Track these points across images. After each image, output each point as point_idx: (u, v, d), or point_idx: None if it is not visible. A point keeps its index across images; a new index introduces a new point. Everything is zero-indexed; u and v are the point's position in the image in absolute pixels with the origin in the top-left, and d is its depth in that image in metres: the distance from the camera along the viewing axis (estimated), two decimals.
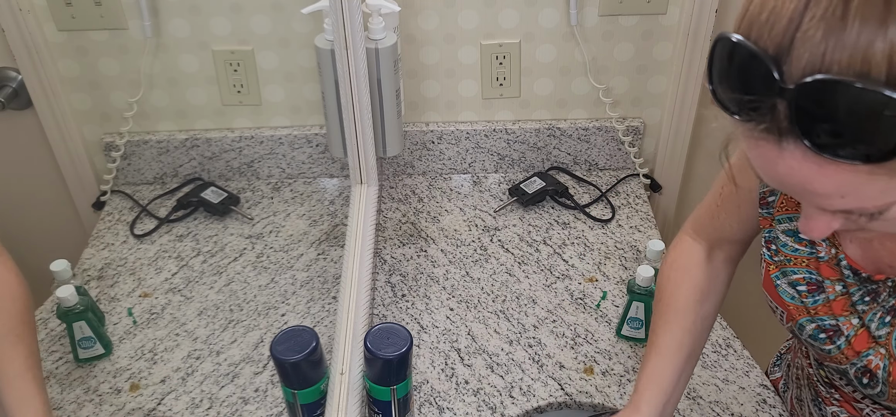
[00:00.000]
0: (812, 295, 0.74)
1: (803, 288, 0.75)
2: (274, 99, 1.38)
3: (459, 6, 1.31)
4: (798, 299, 0.76)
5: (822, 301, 0.74)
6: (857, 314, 0.71)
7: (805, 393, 0.93)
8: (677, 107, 1.40)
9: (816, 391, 0.88)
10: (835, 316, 0.73)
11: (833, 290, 0.73)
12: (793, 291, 0.76)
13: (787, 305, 0.77)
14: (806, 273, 0.75)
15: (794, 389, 0.99)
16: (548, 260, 1.31)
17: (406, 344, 0.90)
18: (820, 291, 0.74)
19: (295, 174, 1.47)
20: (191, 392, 1.06)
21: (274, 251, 1.30)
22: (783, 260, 0.77)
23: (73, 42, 1.29)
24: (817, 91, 0.47)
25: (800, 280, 0.75)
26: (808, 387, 0.91)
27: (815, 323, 0.75)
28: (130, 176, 1.44)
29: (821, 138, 0.48)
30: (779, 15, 0.49)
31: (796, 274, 0.76)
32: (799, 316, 0.76)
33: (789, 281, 0.76)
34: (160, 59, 1.32)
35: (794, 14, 0.48)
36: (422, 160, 1.49)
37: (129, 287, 1.23)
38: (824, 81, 0.46)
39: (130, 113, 1.36)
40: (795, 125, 0.49)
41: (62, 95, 1.32)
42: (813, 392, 0.90)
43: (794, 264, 0.76)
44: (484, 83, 1.40)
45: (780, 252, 0.77)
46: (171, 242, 1.32)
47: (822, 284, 0.74)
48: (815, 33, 0.47)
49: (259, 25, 1.30)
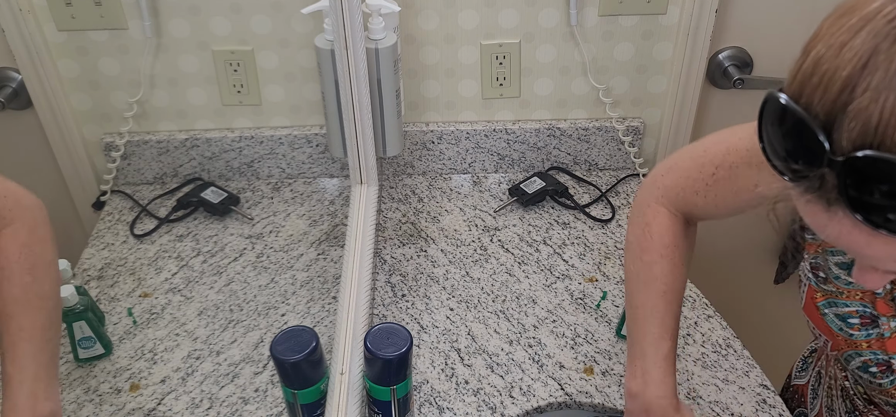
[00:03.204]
0: (865, 328, 0.73)
1: (856, 320, 0.73)
2: (274, 99, 1.39)
3: (459, 6, 1.31)
4: (846, 331, 0.74)
5: (875, 336, 0.72)
6: None
7: (837, 404, 0.91)
8: (677, 107, 1.40)
9: (853, 404, 0.86)
10: (888, 353, 0.72)
11: (888, 327, 0.72)
12: (841, 323, 0.74)
13: (834, 335, 0.75)
14: (860, 306, 0.73)
15: (824, 398, 0.96)
16: (548, 260, 1.31)
17: (406, 344, 0.90)
18: (874, 325, 0.72)
19: (295, 174, 1.47)
20: (191, 392, 1.06)
21: (274, 251, 1.30)
22: (834, 291, 0.75)
23: (74, 42, 1.29)
24: (868, 166, 0.45)
25: (852, 313, 0.74)
26: (841, 398, 0.89)
27: (866, 357, 0.73)
28: (130, 176, 1.44)
29: (870, 212, 0.46)
30: (832, 79, 0.46)
31: (849, 307, 0.74)
32: (847, 348, 0.75)
33: (838, 313, 0.74)
34: (160, 59, 1.32)
35: (849, 80, 0.45)
36: (422, 160, 1.49)
37: (129, 287, 1.23)
38: (877, 158, 0.44)
39: (130, 113, 1.36)
40: (844, 197, 0.47)
41: (62, 95, 1.32)
42: (849, 405, 0.88)
43: (846, 297, 0.74)
44: (484, 83, 1.40)
45: (832, 283, 0.75)
46: (171, 242, 1.32)
47: (876, 319, 0.72)
48: (868, 104, 0.44)
49: (259, 25, 1.30)
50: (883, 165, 0.44)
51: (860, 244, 0.49)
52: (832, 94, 0.46)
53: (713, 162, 0.82)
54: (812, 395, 1.02)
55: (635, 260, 0.88)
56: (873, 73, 0.44)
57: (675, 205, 0.87)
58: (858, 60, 0.45)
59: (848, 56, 0.46)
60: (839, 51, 0.46)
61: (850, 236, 0.49)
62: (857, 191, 0.46)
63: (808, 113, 0.47)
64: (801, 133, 0.48)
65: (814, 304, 0.77)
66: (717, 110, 1.44)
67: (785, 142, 0.50)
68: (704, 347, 1.13)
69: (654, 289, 0.85)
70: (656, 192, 0.89)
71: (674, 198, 0.87)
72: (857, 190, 0.46)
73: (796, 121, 0.48)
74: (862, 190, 0.46)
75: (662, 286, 0.85)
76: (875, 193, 0.45)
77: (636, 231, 0.90)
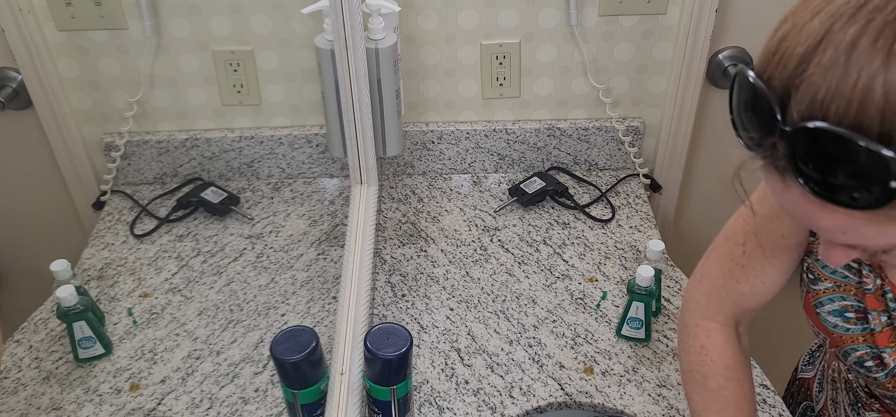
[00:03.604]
0: (859, 323, 0.74)
1: (851, 315, 0.74)
2: (274, 99, 1.38)
3: (459, 6, 1.31)
4: (842, 327, 0.75)
5: (867, 331, 0.73)
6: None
7: (841, 397, 0.91)
8: (677, 107, 1.40)
9: (856, 396, 0.87)
10: (879, 347, 0.72)
11: (878, 322, 0.72)
12: (837, 319, 0.75)
13: (830, 333, 0.76)
14: (854, 301, 0.74)
15: (829, 391, 0.97)
16: (548, 260, 1.30)
17: (406, 344, 0.90)
18: (865, 321, 0.73)
19: (295, 174, 1.47)
20: (191, 392, 1.06)
21: (274, 251, 1.30)
22: (830, 286, 0.76)
23: (74, 42, 1.29)
24: (812, 137, 0.48)
25: (848, 307, 0.74)
26: (845, 391, 0.90)
27: (861, 352, 0.74)
28: (130, 176, 1.44)
29: (816, 182, 0.49)
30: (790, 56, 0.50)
31: (844, 301, 0.74)
32: (843, 344, 0.75)
33: (832, 310, 0.75)
34: (160, 59, 1.32)
35: (804, 57, 0.49)
36: (422, 160, 1.49)
37: (129, 287, 1.23)
38: (818, 129, 0.47)
39: (130, 113, 1.36)
40: (792, 166, 0.50)
41: (62, 95, 1.32)
42: (852, 397, 0.88)
43: (842, 290, 0.75)
44: (484, 83, 1.40)
45: (824, 280, 0.76)
46: (171, 242, 1.32)
47: (866, 314, 0.73)
48: (818, 79, 0.48)
49: (259, 25, 1.30)
50: (826, 136, 0.47)
51: (811, 214, 0.53)
52: (789, 70, 0.50)
53: (737, 240, 0.83)
54: (817, 388, 1.02)
55: (700, 389, 0.87)
56: (825, 51, 0.48)
57: (723, 312, 0.86)
58: (814, 39, 0.49)
59: (806, 34, 0.49)
60: (801, 30, 0.50)
61: (802, 206, 0.52)
62: (803, 161, 0.49)
63: (768, 87, 0.51)
64: (759, 104, 0.52)
65: (810, 304, 0.78)
66: (717, 110, 1.43)
67: (746, 113, 0.54)
68: None
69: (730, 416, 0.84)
70: (700, 307, 0.88)
71: (719, 302, 0.86)
72: (803, 160, 0.49)
73: (757, 94, 0.52)
74: (808, 160, 0.49)
75: (735, 411, 0.84)
76: (820, 163, 0.48)
77: (692, 357, 0.88)
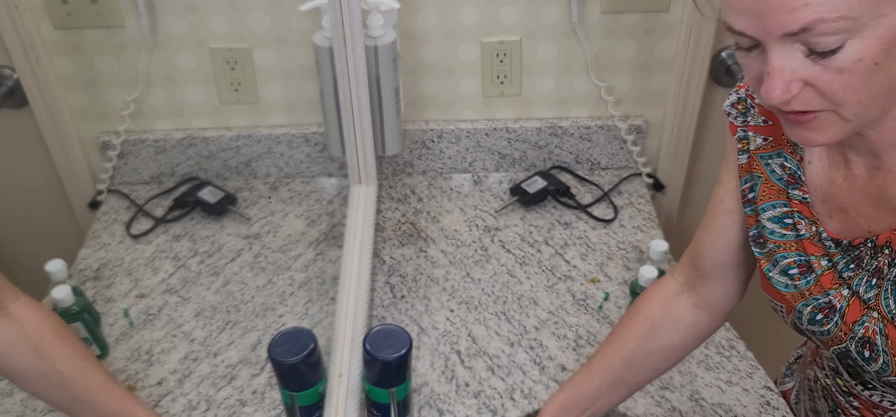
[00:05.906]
0: (803, 276, 0.75)
1: (795, 271, 0.76)
2: (271, 97, 1.38)
3: (459, 3, 1.30)
4: (791, 285, 0.76)
5: (813, 280, 0.75)
6: (845, 283, 0.72)
7: (821, 405, 0.91)
8: (680, 105, 1.39)
9: (835, 401, 0.87)
10: (825, 290, 0.74)
11: (819, 265, 0.74)
12: (786, 279, 0.77)
13: (783, 297, 0.77)
14: (796, 256, 0.76)
15: (807, 401, 0.97)
16: (549, 260, 1.30)
17: (405, 345, 0.89)
18: (809, 271, 0.75)
19: (293, 173, 1.46)
20: (188, 394, 1.05)
21: (271, 251, 1.29)
22: (772, 248, 0.78)
23: (70, 40, 1.28)
24: None
25: (791, 264, 0.76)
26: (823, 398, 0.90)
27: (811, 305, 0.75)
28: (127, 175, 1.43)
29: None
30: None
31: (787, 259, 0.76)
32: (795, 303, 0.76)
33: (780, 269, 0.77)
34: (157, 57, 1.31)
35: None
36: (421, 159, 1.48)
37: (126, 287, 1.22)
38: None
39: (127, 111, 1.35)
40: None
41: (58, 94, 1.32)
42: (831, 403, 0.88)
43: (783, 249, 0.77)
44: (484, 81, 1.39)
45: (769, 240, 0.78)
46: (167, 242, 1.31)
47: (809, 263, 0.75)
48: None
49: (256, 23, 1.29)
50: None
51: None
52: None
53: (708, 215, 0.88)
54: (795, 400, 1.03)
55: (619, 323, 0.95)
56: None
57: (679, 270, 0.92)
58: None
59: None
60: None
61: None
62: None
63: None
64: None
65: (765, 277, 0.79)
66: (719, 108, 1.42)
67: None
68: (708, 349, 1.12)
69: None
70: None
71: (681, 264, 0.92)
72: None
73: None
74: None
75: (601, 357, 0.92)
76: None
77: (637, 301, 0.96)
